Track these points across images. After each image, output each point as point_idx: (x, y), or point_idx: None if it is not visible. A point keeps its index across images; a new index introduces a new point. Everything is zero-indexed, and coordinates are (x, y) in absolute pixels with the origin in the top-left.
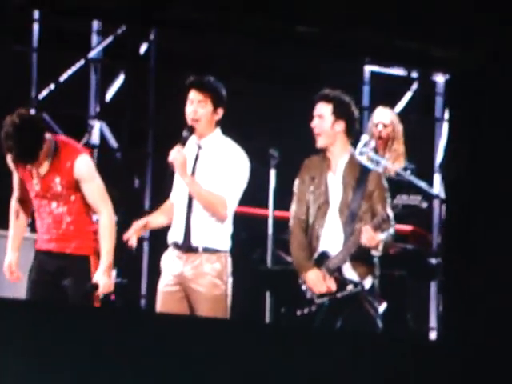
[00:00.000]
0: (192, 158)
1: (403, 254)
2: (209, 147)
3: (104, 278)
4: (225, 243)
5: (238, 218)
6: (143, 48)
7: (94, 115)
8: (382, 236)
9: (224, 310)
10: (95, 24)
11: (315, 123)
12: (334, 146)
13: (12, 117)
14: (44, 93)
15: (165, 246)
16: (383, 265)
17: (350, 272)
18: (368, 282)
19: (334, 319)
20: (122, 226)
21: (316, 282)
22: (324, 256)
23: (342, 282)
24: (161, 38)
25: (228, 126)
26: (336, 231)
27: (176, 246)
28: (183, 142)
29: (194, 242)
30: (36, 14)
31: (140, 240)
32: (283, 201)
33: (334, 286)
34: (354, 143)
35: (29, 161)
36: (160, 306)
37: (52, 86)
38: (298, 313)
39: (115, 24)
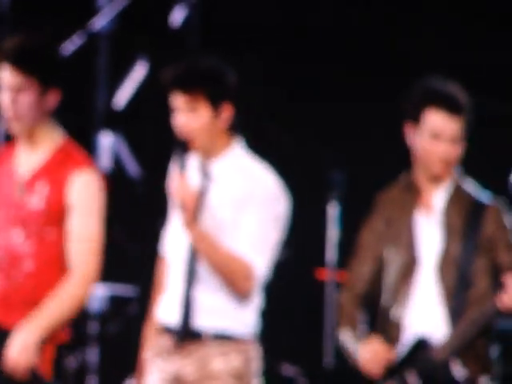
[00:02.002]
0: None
1: None
2: (222, 174)
3: (18, 349)
4: (247, 326)
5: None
6: (177, 16)
7: (100, 123)
8: None
9: None
10: None
11: (448, 150)
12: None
13: None
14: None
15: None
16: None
17: (457, 369)
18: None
19: None
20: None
21: (372, 355)
22: (422, 346)
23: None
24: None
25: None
26: (433, 304)
27: (169, 330)
28: (182, 165)
29: (198, 324)
30: None
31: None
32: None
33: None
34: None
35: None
36: None
37: None
38: None
39: None
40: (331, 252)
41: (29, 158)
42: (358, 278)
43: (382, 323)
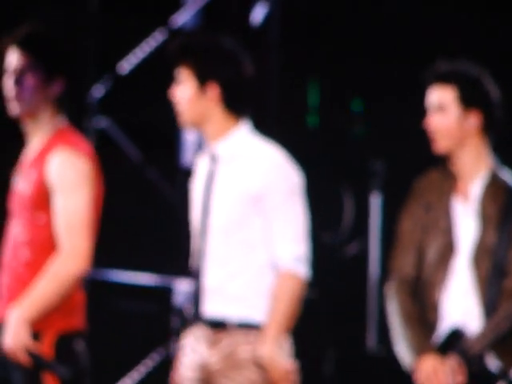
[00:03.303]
0: (204, 174)
1: None
2: (226, 155)
3: (9, 335)
4: None
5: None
6: (258, 12)
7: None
8: None
9: None
10: None
11: (432, 120)
12: (464, 152)
13: None
14: (102, 86)
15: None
16: None
17: (491, 361)
18: None
19: None
20: None
21: (431, 375)
22: (457, 336)
23: (485, 377)
24: None
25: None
26: (467, 292)
27: (196, 318)
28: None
29: (223, 313)
30: None
31: None
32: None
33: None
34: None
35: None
36: None
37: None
38: None
39: None
40: (374, 241)
41: (30, 148)
42: (405, 267)
43: (422, 305)
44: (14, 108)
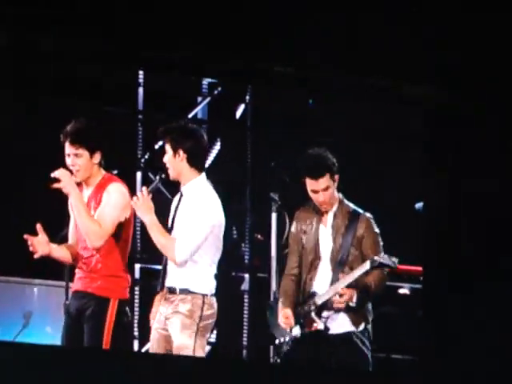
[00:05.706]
0: (176, 203)
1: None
2: (188, 194)
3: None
4: (202, 285)
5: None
6: (240, 109)
7: None
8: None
9: (193, 348)
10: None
11: (321, 198)
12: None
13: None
14: (148, 153)
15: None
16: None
17: (344, 320)
18: (360, 328)
19: (324, 356)
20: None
21: (283, 319)
22: (312, 295)
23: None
24: (257, 99)
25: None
26: (327, 281)
27: (161, 287)
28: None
29: (169, 283)
30: (141, 78)
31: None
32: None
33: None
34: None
35: (77, 140)
36: (151, 345)
37: (156, 146)
38: (277, 341)
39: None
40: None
41: (88, 190)
42: (290, 266)
43: (299, 285)
44: (77, 176)
